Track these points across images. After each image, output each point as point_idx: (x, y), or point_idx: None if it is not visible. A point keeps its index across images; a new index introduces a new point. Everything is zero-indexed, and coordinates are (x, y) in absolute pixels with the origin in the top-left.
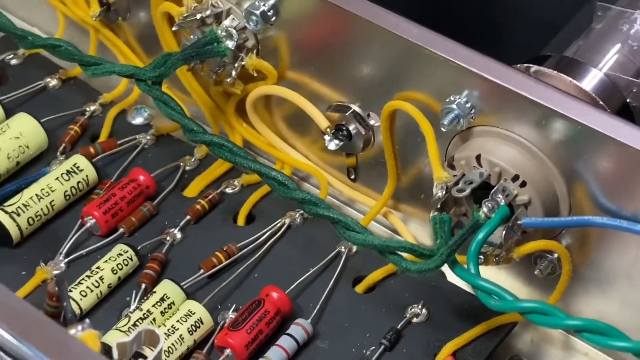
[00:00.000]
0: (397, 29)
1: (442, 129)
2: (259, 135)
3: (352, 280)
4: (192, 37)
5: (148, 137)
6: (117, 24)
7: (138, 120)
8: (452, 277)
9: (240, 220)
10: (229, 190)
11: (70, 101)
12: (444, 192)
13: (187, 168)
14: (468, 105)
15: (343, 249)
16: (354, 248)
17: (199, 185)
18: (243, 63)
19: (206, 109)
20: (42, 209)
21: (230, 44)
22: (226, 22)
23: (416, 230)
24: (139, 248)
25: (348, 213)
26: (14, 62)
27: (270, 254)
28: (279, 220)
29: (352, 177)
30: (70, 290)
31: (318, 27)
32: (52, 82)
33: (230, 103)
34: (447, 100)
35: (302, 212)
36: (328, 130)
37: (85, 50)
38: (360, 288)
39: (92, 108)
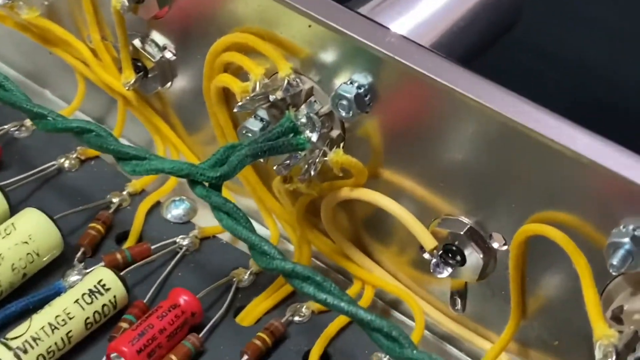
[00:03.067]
0: (545, 129)
1: (610, 270)
2: (333, 245)
3: None
4: (253, 119)
5: (189, 241)
6: (153, 94)
7: (176, 216)
8: None
9: None
10: (296, 319)
11: (90, 190)
12: (614, 357)
13: (242, 285)
14: None
15: None
16: None
17: (257, 311)
18: (326, 159)
19: (262, 204)
20: (56, 343)
21: (313, 136)
22: (305, 107)
23: None
24: None
25: (451, 353)
26: (19, 135)
27: None
28: None
29: (457, 307)
30: None
31: (425, 112)
32: (67, 162)
33: (299, 204)
34: (616, 230)
35: None
36: (434, 252)
37: (110, 123)
38: None
39: (118, 200)
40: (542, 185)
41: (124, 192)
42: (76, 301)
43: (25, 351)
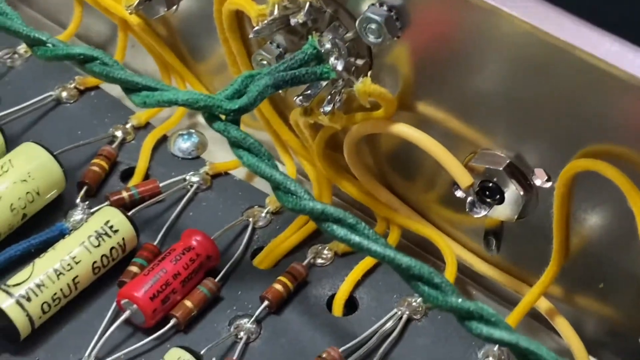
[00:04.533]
0: (589, 46)
1: None
2: (355, 182)
3: None
4: (269, 45)
5: (199, 178)
6: (158, 18)
7: (184, 151)
8: None
9: (337, 309)
10: (319, 262)
11: (91, 123)
12: None
13: (258, 226)
14: None
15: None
16: (504, 357)
17: (276, 253)
18: (352, 89)
19: (278, 141)
20: (61, 290)
21: (338, 63)
22: (328, 32)
23: (590, 333)
24: (202, 353)
25: (484, 299)
26: (13, 63)
27: None
28: (394, 310)
29: (492, 247)
30: None
31: (463, 34)
32: (66, 93)
33: (319, 138)
34: None
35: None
36: (471, 189)
37: (110, 52)
38: None
39: (121, 133)
40: (595, 115)
41: (128, 126)
42: (82, 244)
43: (28, 299)
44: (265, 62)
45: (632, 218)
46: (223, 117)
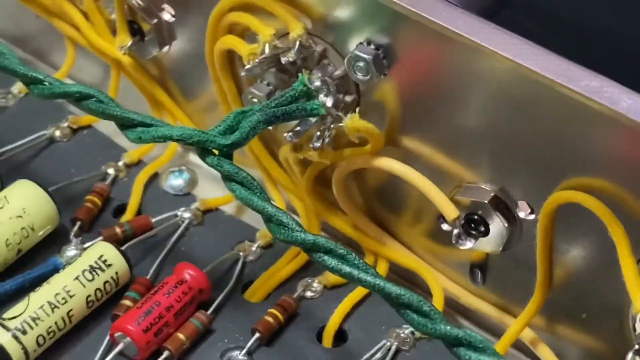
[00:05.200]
0: (568, 81)
1: None
2: (344, 216)
3: None
4: (260, 83)
5: (191, 214)
6: (150, 59)
7: (175, 187)
8: None
9: (327, 341)
10: (308, 295)
11: (84, 160)
12: None
13: (249, 259)
14: None
15: None
16: None
17: (266, 286)
18: (341, 124)
19: (268, 177)
20: (56, 323)
21: (328, 100)
22: (318, 70)
23: None
24: None
25: (470, 330)
26: (6, 103)
27: None
28: (383, 341)
29: (478, 280)
30: None
31: (447, 71)
32: (59, 132)
33: (309, 174)
34: None
35: (411, 329)
36: (457, 222)
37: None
38: None
39: (114, 171)
40: (576, 149)
41: (120, 163)
42: (76, 278)
43: (24, 332)
44: (255, 100)
45: (614, 248)
46: (216, 152)
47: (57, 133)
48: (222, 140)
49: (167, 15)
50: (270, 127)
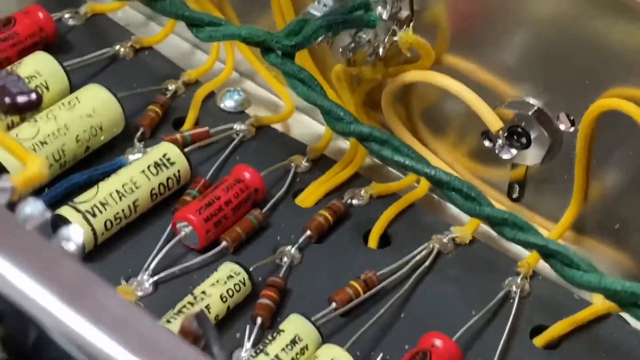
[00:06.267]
0: None
1: None
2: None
3: (529, 330)
4: (317, 4)
5: (245, 128)
6: None
7: (229, 106)
8: None
9: (373, 242)
10: (355, 202)
11: (146, 76)
12: None
13: (299, 170)
14: None
15: (514, 289)
16: (527, 287)
17: (316, 193)
18: (395, 39)
19: None
20: (123, 210)
21: (384, 13)
22: None
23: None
24: (251, 269)
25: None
26: (73, 22)
27: (418, 289)
28: (425, 244)
29: (515, 195)
30: (169, 321)
31: None
32: (122, 50)
33: (359, 92)
34: None
35: (453, 235)
36: (500, 133)
37: (163, 19)
38: (539, 341)
39: (174, 87)
40: (620, 57)
41: (179, 81)
42: (142, 172)
43: (93, 214)
44: None
45: None
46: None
47: (122, 50)
48: (286, 41)
49: None
50: (327, 42)
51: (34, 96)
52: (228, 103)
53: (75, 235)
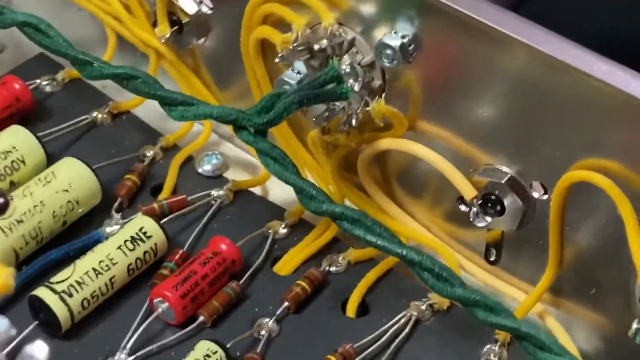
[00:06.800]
0: (595, 71)
1: None
2: (367, 199)
3: None
4: (290, 72)
5: (223, 193)
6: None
7: (207, 170)
8: None
9: (351, 311)
10: (333, 269)
11: (124, 143)
12: None
13: (278, 237)
14: None
15: (492, 357)
16: (505, 355)
17: (294, 261)
18: (368, 109)
19: (295, 158)
20: (100, 288)
21: (356, 85)
22: (348, 57)
23: (581, 337)
24: (228, 346)
25: None
26: (50, 89)
27: (397, 358)
28: (403, 312)
29: (492, 258)
30: None
31: (468, 58)
32: (100, 116)
33: (335, 157)
34: None
35: (430, 302)
36: (474, 201)
37: None
38: None
39: (152, 152)
40: (588, 130)
41: (157, 147)
42: (119, 247)
43: (70, 294)
44: (287, 87)
45: (622, 225)
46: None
47: (99, 117)
48: (257, 118)
49: (205, 7)
50: (300, 112)
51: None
52: (206, 167)
53: (39, 352)
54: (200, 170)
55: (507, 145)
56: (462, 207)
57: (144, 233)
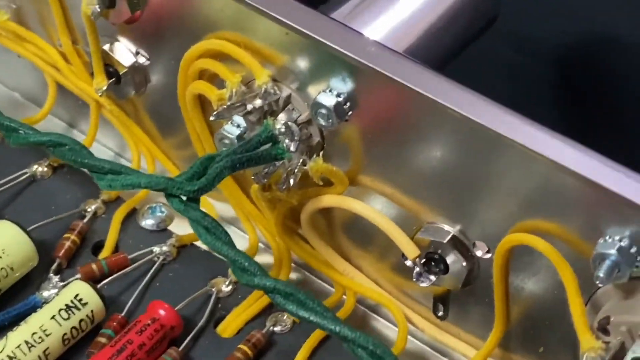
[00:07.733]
0: (528, 140)
1: (597, 282)
2: (313, 251)
3: None
4: (230, 125)
5: (166, 249)
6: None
7: (150, 224)
8: None
9: None
10: (277, 330)
11: (64, 198)
12: None
13: (221, 295)
14: (634, 250)
15: None
16: None
17: (238, 321)
18: (305, 167)
19: (240, 210)
20: None
21: (292, 145)
22: (283, 115)
23: None
24: None
25: None
26: None
27: None
28: None
29: (440, 314)
30: None
31: (403, 119)
32: (40, 170)
33: (278, 211)
34: (602, 241)
35: None
36: (417, 260)
37: (84, 126)
38: None
39: (93, 208)
40: (526, 194)
41: (99, 200)
42: (52, 317)
43: None
44: (227, 141)
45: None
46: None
47: (39, 170)
48: (188, 186)
49: (142, 59)
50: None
51: None
52: (149, 222)
53: None
54: (143, 224)
55: (449, 204)
56: (408, 263)
57: (79, 300)
